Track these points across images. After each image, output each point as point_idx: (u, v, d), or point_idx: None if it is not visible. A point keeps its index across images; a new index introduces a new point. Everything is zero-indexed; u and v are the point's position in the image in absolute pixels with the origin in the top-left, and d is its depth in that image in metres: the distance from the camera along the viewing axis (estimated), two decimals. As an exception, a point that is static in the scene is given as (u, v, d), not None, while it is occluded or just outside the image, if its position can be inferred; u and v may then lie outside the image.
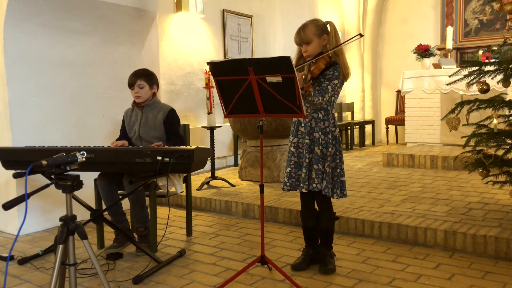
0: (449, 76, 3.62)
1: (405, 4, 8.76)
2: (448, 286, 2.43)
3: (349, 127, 8.14)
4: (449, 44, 7.09)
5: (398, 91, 8.22)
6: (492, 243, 2.84)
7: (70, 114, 4.01)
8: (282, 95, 2.32)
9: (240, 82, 2.36)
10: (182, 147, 2.73)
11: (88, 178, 2.94)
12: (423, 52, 7.06)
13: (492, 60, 4.69)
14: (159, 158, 2.66)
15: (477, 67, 3.19)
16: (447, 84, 4.38)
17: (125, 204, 3.13)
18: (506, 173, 3.25)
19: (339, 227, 3.42)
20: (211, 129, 4.88)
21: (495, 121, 3.17)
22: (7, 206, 1.74)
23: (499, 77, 3.16)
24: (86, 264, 2.87)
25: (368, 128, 8.88)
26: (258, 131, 2.51)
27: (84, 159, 1.82)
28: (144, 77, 3.17)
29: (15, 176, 2.59)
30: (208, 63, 2.46)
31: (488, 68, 3.20)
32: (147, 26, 4.50)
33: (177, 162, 2.65)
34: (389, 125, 8.41)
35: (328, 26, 2.59)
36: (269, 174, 4.85)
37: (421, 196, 4.06)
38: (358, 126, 8.56)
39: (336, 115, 8.75)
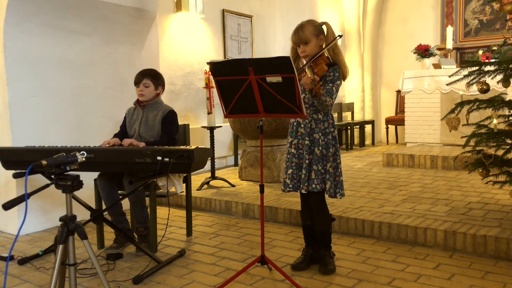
0: (449, 76, 3.62)
1: (405, 4, 8.76)
2: (448, 286, 2.43)
3: (349, 127, 8.14)
4: (449, 44, 7.09)
5: (398, 91, 8.22)
6: (492, 243, 2.84)
7: (70, 114, 4.01)
8: (282, 95, 2.32)
9: (240, 82, 2.36)
10: (182, 147, 2.73)
11: (88, 178, 2.94)
12: (423, 52, 7.06)
13: (492, 60, 4.69)
14: (159, 158, 2.66)
15: (477, 67, 3.19)
16: (447, 84, 4.38)
17: (125, 204, 3.13)
18: (506, 173, 3.25)
19: (339, 227, 3.42)
20: (211, 129, 4.88)
21: (495, 121, 3.17)
22: (7, 206, 1.75)
23: (499, 77, 3.16)
24: (86, 264, 2.87)
25: (368, 128, 8.88)
26: (258, 131, 2.51)
27: (84, 159, 1.82)
28: (151, 77, 3.21)
29: (15, 176, 2.59)
30: (208, 63, 2.47)
31: (488, 68, 3.19)
32: (147, 26, 4.50)
33: (177, 162, 2.65)
34: (389, 125, 8.41)
35: (324, 26, 2.59)
36: (269, 174, 4.85)
37: (421, 196, 4.06)
38: (358, 126, 8.56)
39: (336, 115, 8.75)
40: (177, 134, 3.26)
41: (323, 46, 2.58)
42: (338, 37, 2.57)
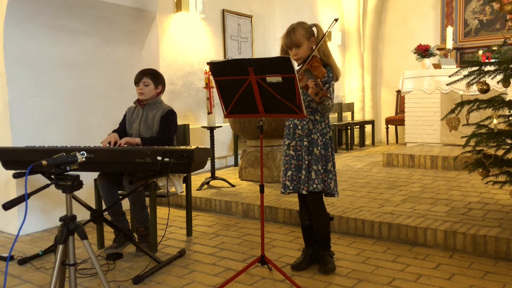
0: (449, 76, 3.61)
1: (405, 4, 8.76)
2: (448, 286, 2.43)
3: (349, 127, 8.14)
4: (449, 44, 7.09)
5: (398, 91, 8.22)
6: (492, 243, 2.84)
7: (70, 114, 4.01)
8: (282, 95, 2.32)
9: (240, 82, 2.36)
10: (182, 147, 2.73)
11: (88, 178, 2.94)
12: (423, 52, 7.06)
13: (492, 60, 4.68)
14: (159, 158, 2.66)
15: (477, 67, 3.19)
16: (447, 84, 4.38)
17: (125, 204, 3.13)
18: (506, 173, 3.25)
19: (339, 227, 3.42)
20: (211, 129, 4.88)
21: (495, 121, 3.17)
22: (7, 206, 1.74)
23: (499, 77, 3.16)
24: (86, 264, 2.87)
25: (368, 128, 8.88)
26: (258, 131, 2.51)
27: (84, 159, 1.82)
28: (151, 75, 3.22)
29: (15, 176, 2.59)
30: (208, 63, 2.46)
31: (488, 68, 3.19)
32: (147, 26, 4.50)
33: (177, 162, 2.65)
34: (389, 125, 8.41)
35: (314, 28, 2.59)
36: (269, 174, 4.85)
37: (421, 196, 4.06)
38: (358, 126, 8.56)
39: (336, 115, 8.72)
40: (175, 133, 3.26)
41: (312, 48, 2.58)
42: (334, 21, 2.56)
